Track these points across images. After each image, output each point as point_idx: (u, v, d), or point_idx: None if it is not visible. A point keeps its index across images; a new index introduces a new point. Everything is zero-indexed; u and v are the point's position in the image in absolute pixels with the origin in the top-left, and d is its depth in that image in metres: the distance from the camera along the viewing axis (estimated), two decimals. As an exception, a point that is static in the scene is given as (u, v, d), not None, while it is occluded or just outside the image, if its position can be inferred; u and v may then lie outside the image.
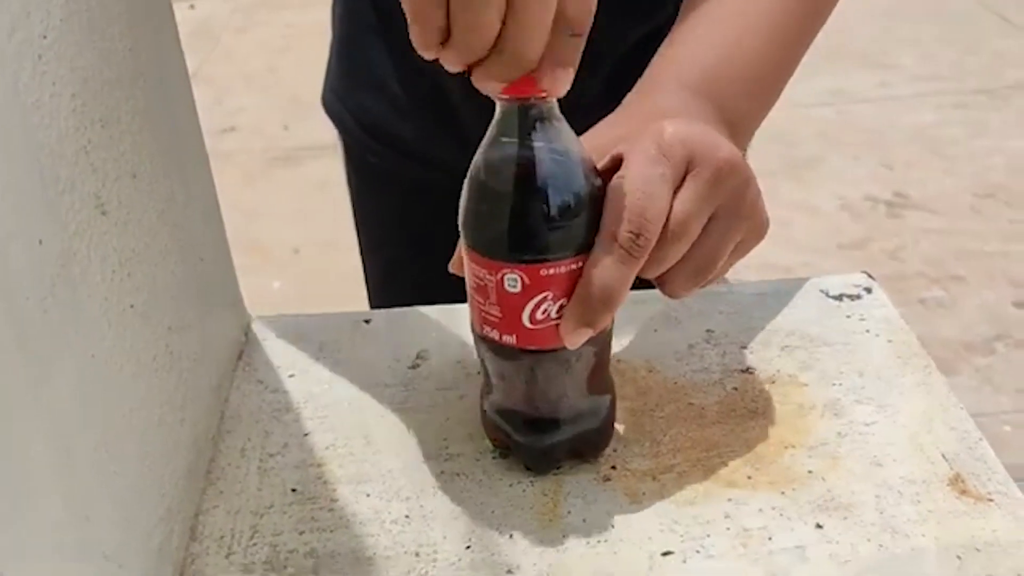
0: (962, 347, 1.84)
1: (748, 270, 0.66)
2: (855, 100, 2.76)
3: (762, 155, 0.77)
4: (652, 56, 0.57)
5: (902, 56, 2.97)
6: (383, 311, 0.67)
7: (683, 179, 0.46)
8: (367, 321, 0.66)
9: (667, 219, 0.45)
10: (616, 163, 0.47)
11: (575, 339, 0.46)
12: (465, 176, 0.47)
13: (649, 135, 0.46)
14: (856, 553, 0.48)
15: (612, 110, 0.55)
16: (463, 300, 0.51)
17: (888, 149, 2.52)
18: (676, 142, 0.46)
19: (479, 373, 0.54)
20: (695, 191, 0.46)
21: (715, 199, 0.47)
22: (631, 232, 0.44)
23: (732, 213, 0.47)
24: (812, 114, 2.63)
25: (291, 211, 2.35)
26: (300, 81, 2.77)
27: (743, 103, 0.56)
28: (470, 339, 0.52)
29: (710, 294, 0.67)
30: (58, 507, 0.38)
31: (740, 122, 0.55)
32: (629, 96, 0.55)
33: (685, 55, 0.56)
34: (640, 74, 0.57)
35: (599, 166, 0.47)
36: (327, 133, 0.86)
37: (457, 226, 0.48)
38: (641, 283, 0.48)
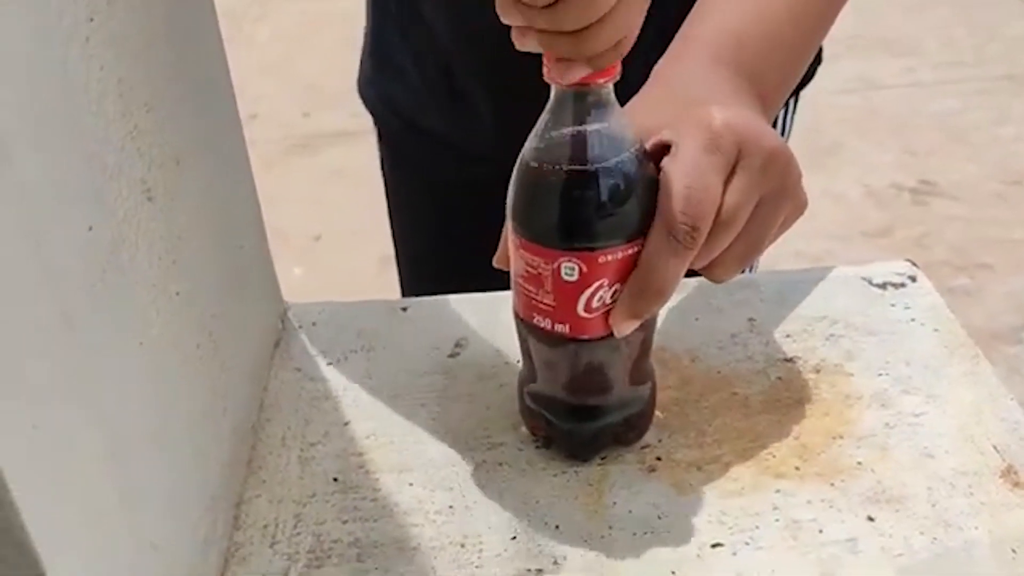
0: (989, 336, 1.82)
1: (774, 258, 0.65)
2: (879, 87, 2.73)
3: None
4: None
5: (925, 42, 2.93)
6: (421, 299, 0.67)
7: (732, 168, 0.46)
8: (404, 309, 0.65)
9: (718, 209, 0.45)
10: (662, 148, 0.46)
11: (625, 329, 0.47)
12: (493, 165, 0.46)
13: (698, 123, 0.46)
14: (909, 546, 0.48)
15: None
16: (496, 289, 0.50)
17: (912, 136, 2.49)
18: (726, 131, 0.46)
19: (519, 362, 0.54)
20: (746, 181, 0.46)
21: (763, 187, 0.47)
22: (686, 224, 0.44)
23: (777, 196, 0.48)
24: (836, 101, 2.60)
25: (312, 198, 2.34)
26: (318, 69, 2.76)
27: (774, 77, 0.56)
28: (509, 327, 0.51)
29: (751, 283, 0.66)
30: (109, 497, 0.37)
31: (771, 95, 0.55)
32: (661, 69, 0.54)
33: (716, 27, 0.55)
34: None
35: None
36: (347, 120, 0.86)
37: (489, 217, 0.48)
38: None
